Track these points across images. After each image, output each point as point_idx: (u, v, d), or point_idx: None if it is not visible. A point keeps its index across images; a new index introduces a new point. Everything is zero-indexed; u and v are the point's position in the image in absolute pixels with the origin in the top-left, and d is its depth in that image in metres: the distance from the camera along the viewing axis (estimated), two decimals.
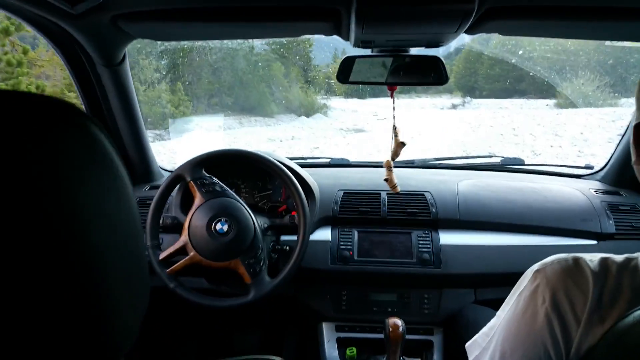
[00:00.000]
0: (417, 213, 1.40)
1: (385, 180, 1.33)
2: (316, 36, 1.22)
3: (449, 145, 7.27)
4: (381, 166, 1.34)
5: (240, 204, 1.24)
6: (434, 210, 1.40)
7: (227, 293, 1.31)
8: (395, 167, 1.69)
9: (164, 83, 7.77)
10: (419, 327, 1.35)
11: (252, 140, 8.21)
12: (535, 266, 0.61)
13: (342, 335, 1.37)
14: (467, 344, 0.75)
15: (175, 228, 1.28)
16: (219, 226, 1.19)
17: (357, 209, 1.44)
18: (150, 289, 0.42)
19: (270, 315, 1.74)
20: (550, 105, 11.72)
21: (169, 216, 1.31)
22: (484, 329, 0.69)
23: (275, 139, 8.48)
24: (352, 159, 1.81)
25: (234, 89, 9.55)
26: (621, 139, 1.50)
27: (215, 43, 7.88)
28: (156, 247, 1.25)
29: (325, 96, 11.14)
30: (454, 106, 11.35)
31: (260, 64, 9.30)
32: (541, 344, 0.57)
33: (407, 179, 1.53)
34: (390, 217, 1.41)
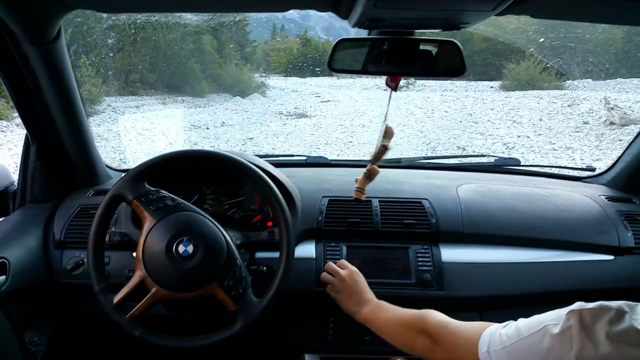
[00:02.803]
0: (415, 224, 1.31)
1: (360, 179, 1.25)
2: None
3: (408, 135, 7.25)
4: (366, 166, 1.25)
5: (204, 216, 1.07)
6: (433, 221, 1.31)
7: (197, 322, 1.18)
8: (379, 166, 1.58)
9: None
10: None
11: (172, 126, 7.53)
12: (575, 306, 0.63)
13: None
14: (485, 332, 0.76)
15: (127, 245, 1.11)
16: (181, 248, 1.01)
17: (345, 220, 1.31)
18: None
19: (239, 346, 1.58)
20: (495, 87, 12.31)
21: (118, 232, 1.13)
22: (502, 330, 0.71)
23: (201, 124, 7.89)
24: (293, 152, 1.68)
25: (157, 64, 8.92)
26: (632, 142, 1.48)
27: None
28: (106, 290, 1.06)
29: (264, 74, 10.82)
30: (399, 87, 11.55)
31: (189, 36, 8.76)
32: None
33: (399, 183, 1.43)
34: (384, 229, 1.30)
